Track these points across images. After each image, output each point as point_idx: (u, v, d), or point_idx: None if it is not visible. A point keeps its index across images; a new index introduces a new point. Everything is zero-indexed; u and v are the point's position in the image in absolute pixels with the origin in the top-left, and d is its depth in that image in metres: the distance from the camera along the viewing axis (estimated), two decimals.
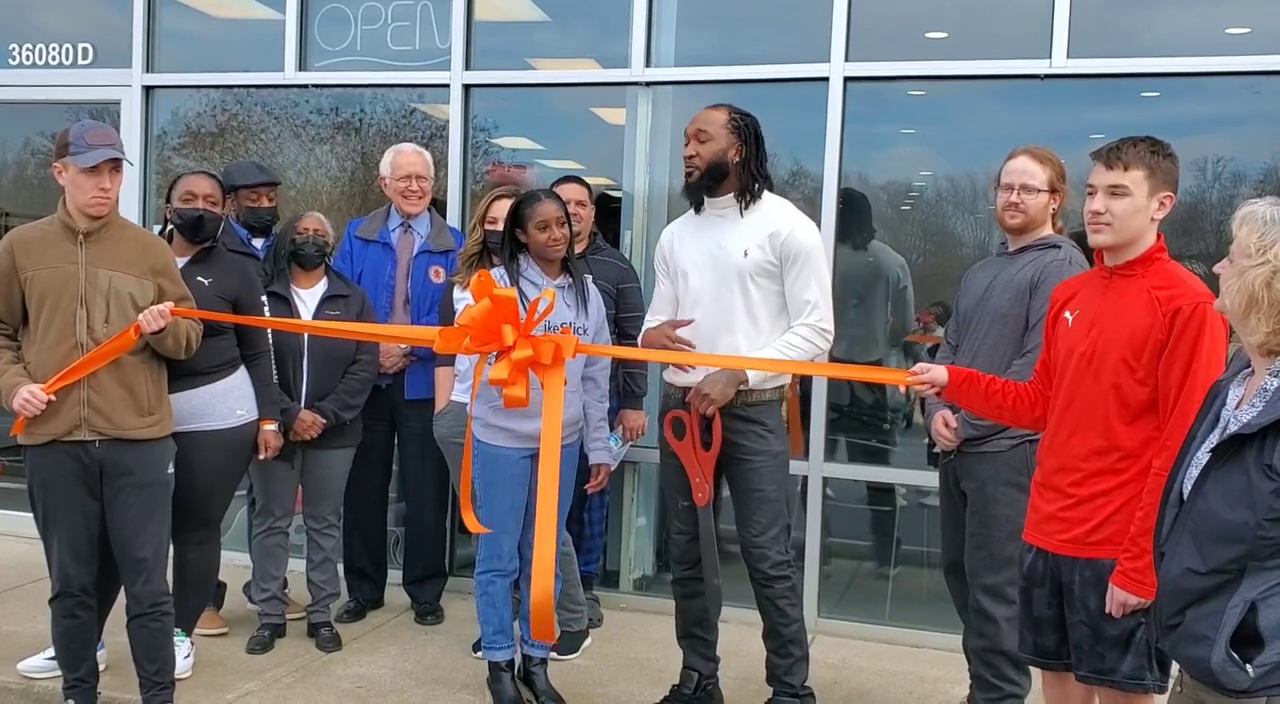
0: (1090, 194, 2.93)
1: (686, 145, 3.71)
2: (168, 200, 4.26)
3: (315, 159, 5.98)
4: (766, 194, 3.77)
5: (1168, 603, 2.26)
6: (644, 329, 3.97)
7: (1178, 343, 2.77)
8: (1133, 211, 2.86)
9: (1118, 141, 2.92)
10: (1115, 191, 2.87)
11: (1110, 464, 2.86)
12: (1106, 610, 2.81)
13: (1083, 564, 2.89)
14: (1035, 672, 3.43)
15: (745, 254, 3.67)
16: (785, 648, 3.81)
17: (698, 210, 3.82)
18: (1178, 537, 2.26)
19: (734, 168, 3.68)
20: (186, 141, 6.16)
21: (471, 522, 3.64)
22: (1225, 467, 2.18)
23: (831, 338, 3.76)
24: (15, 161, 6.65)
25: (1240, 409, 2.24)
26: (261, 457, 4.27)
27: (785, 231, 3.67)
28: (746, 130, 3.70)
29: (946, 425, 3.73)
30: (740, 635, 4.40)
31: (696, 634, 4.00)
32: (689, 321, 3.74)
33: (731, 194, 3.72)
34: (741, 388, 3.65)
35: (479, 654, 4.35)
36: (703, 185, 3.71)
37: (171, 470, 3.78)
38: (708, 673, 4.01)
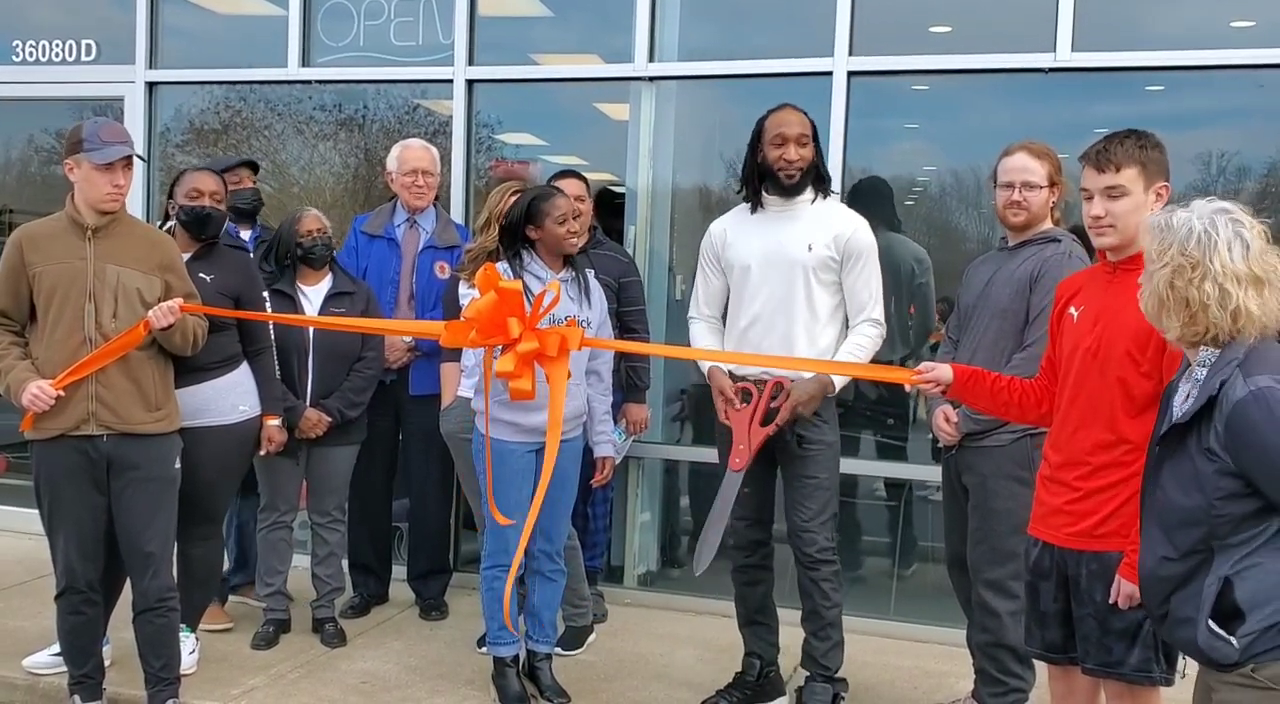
0: (1087, 198, 2.94)
1: (781, 146, 3.79)
2: (170, 196, 4.27)
3: (319, 155, 5.98)
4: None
5: (1151, 593, 2.40)
6: (694, 334, 4.04)
7: None
8: (1133, 209, 2.87)
9: (1104, 141, 2.93)
10: (1112, 193, 2.89)
11: (1117, 457, 2.86)
12: (1112, 601, 2.81)
13: (1089, 557, 2.88)
14: (1039, 667, 3.43)
15: (809, 249, 3.79)
16: (825, 630, 3.88)
17: (754, 210, 3.91)
18: (1147, 528, 2.42)
19: (813, 168, 3.86)
20: (190, 138, 6.16)
21: (498, 514, 3.63)
22: (1174, 457, 2.35)
23: (885, 329, 3.91)
24: (19, 158, 6.65)
25: (1186, 402, 2.37)
26: (264, 452, 4.27)
27: (850, 231, 3.83)
28: (816, 131, 3.89)
29: (948, 420, 3.74)
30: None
31: (759, 621, 4.08)
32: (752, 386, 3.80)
33: (807, 192, 3.84)
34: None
35: (484, 649, 4.35)
36: (800, 187, 3.82)
37: (178, 466, 3.79)
38: (770, 659, 4.08)
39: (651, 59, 5.29)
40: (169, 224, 4.25)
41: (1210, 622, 2.24)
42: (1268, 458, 2.19)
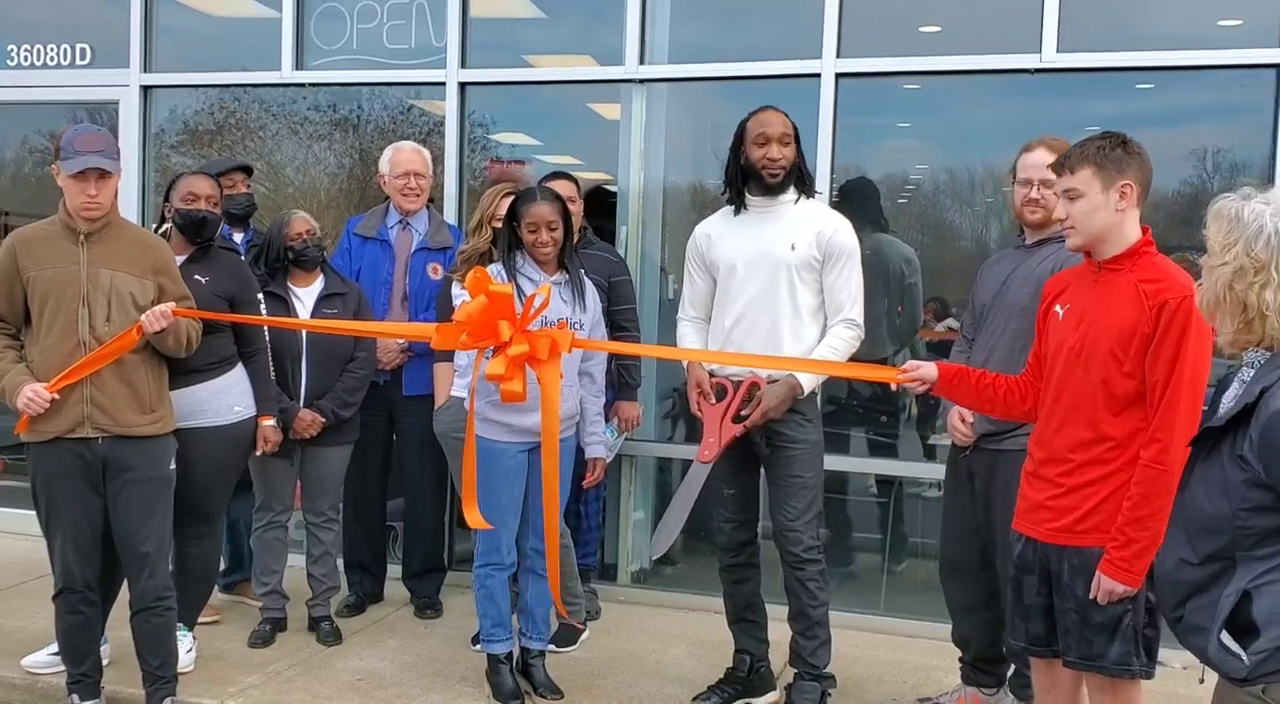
0: None
1: (764, 146, 3.83)
2: (166, 199, 4.31)
3: (313, 156, 6.01)
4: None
5: (1166, 595, 2.30)
6: (681, 334, 4.09)
7: (1164, 336, 2.81)
8: (1091, 210, 2.92)
9: (1070, 148, 3.00)
10: (1070, 195, 2.95)
11: (1098, 455, 2.91)
12: (1092, 597, 2.86)
13: (1071, 552, 2.93)
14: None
15: (793, 248, 3.83)
16: (812, 630, 3.93)
17: (738, 211, 3.95)
18: (1172, 528, 2.30)
19: (795, 168, 3.90)
20: (184, 140, 6.19)
21: (474, 517, 3.68)
22: (1208, 459, 2.21)
23: (863, 330, 3.92)
24: (14, 161, 6.68)
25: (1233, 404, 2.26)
26: (259, 452, 4.31)
27: (831, 230, 3.86)
28: (798, 132, 3.93)
29: (963, 420, 3.76)
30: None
31: (748, 618, 4.12)
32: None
33: (789, 192, 3.89)
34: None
35: (478, 647, 4.39)
36: (783, 186, 3.86)
37: (173, 467, 3.83)
38: (759, 655, 4.13)
39: (642, 61, 5.33)
40: (164, 227, 4.30)
41: (1223, 634, 2.13)
42: None
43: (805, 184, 3.92)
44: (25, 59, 6.24)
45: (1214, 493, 2.17)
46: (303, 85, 5.84)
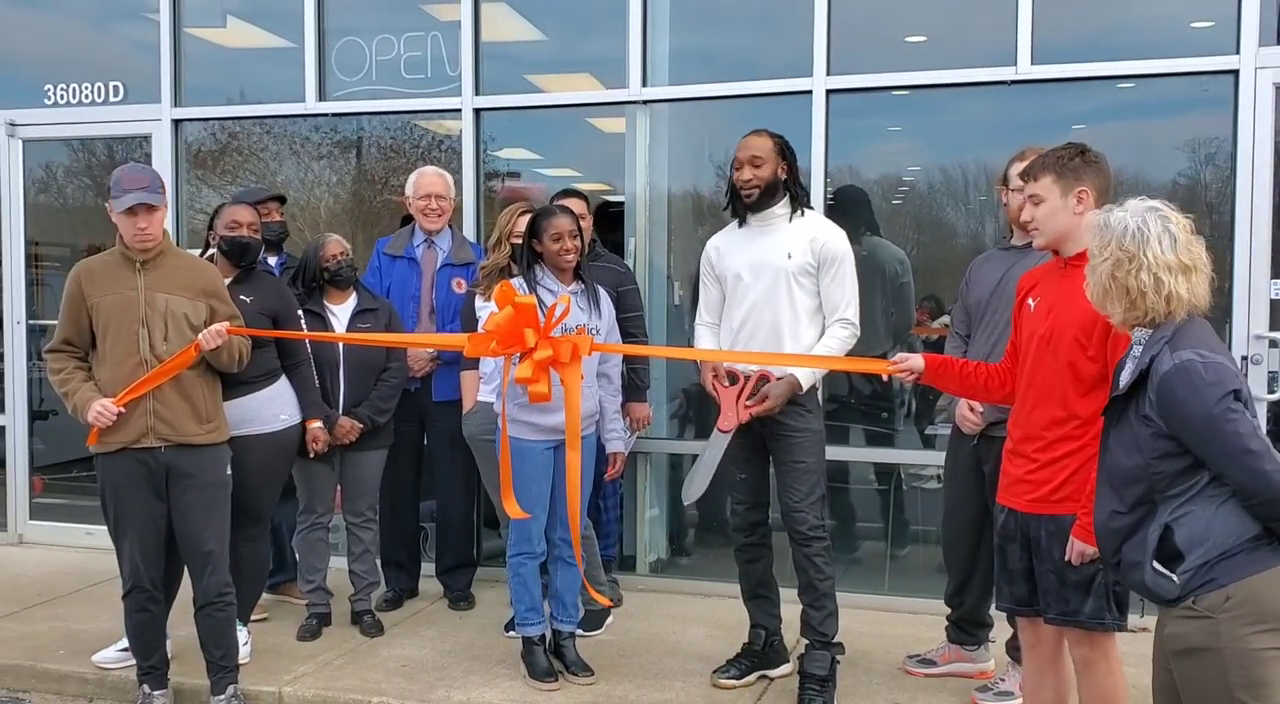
0: None
1: (739, 170, 4.18)
2: (210, 227, 4.66)
3: (315, 176, 6.35)
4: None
5: (1105, 543, 2.76)
6: (698, 335, 4.42)
7: None
8: (1051, 213, 3.26)
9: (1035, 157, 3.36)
10: (1033, 200, 3.29)
11: (1068, 432, 3.22)
12: (1068, 559, 3.17)
13: (1047, 520, 3.24)
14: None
15: (789, 256, 4.16)
16: (820, 601, 4.23)
17: (742, 224, 4.30)
18: (1100, 486, 2.78)
19: (781, 185, 4.21)
20: (200, 162, 6.51)
21: (512, 508, 4.01)
22: (1119, 424, 2.70)
23: (859, 328, 4.23)
24: (46, 194, 6.96)
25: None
26: (310, 453, 4.65)
27: (824, 238, 4.20)
28: (788, 151, 4.25)
29: (972, 410, 4.10)
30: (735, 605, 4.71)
31: (761, 594, 4.44)
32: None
33: (780, 206, 4.22)
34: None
35: (511, 634, 4.72)
36: (761, 203, 4.19)
37: (230, 472, 4.16)
38: (774, 629, 4.46)
39: (644, 83, 5.66)
40: (209, 252, 4.64)
41: (1155, 563, 2.58)
42: (1191, 421, 2.51)
43: (797, 198, 4.23)
44: (61, 97, 6.58)
45: (1129, 449, 2.66)
46: (326, 115, 6.17)
